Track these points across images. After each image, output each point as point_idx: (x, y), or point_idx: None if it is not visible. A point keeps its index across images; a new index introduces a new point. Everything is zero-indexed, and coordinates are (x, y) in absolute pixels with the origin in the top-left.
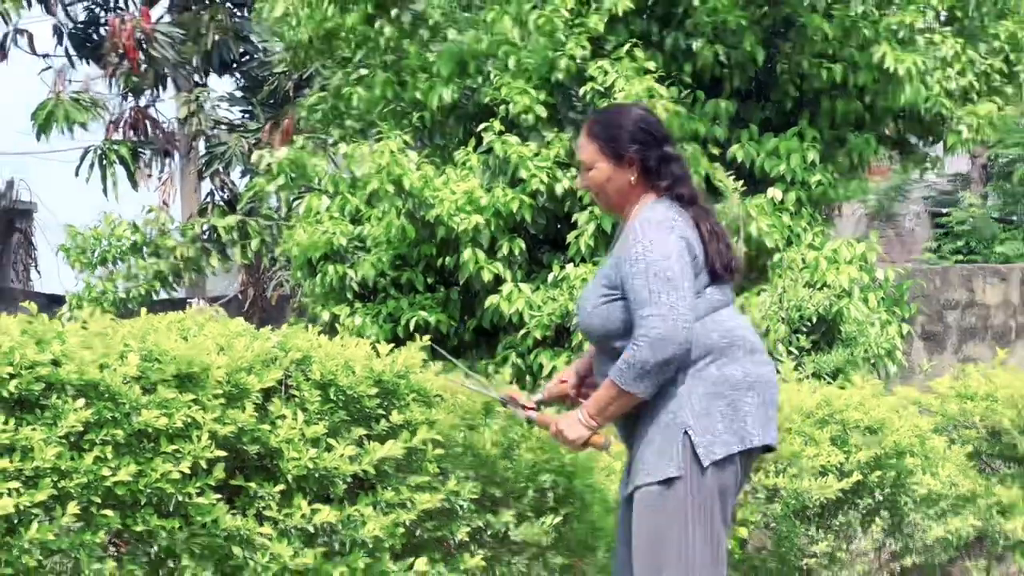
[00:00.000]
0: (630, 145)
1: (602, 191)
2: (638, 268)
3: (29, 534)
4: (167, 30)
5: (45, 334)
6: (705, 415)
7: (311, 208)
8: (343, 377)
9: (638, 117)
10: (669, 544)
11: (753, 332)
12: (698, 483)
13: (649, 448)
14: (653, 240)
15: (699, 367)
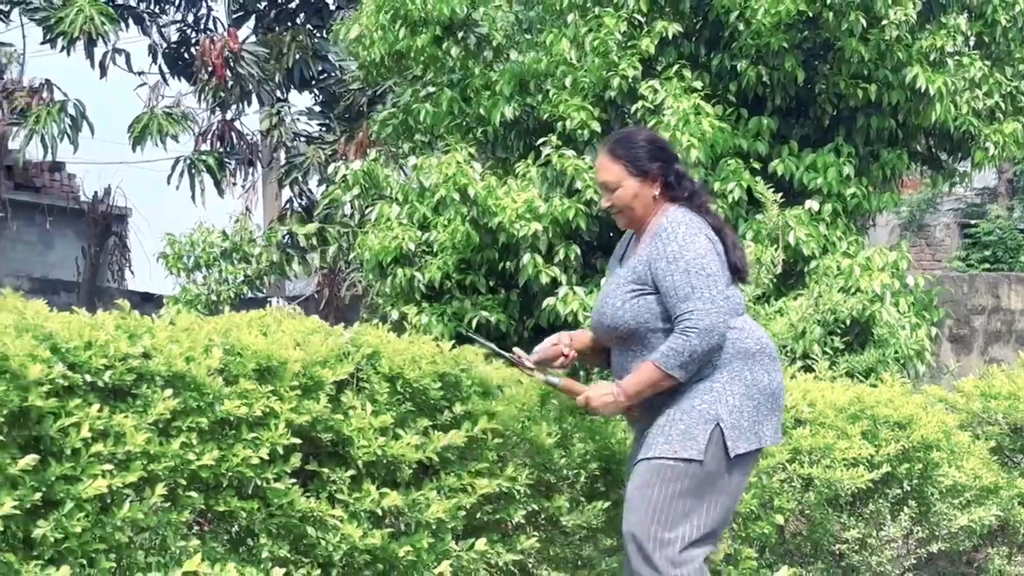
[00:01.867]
0: (652, 162)
1: (628, 208)
2: (677, 265)
3: (121, 513)
4: (252, 49)
5: (137, 329)
6: (737, 412)
7: (382, 215)
8: (410, 371)
9: (652, 137)
10: (666, 514)
11: (769, 337)
12: (719, 471)
13: (676, 427)
14: (687, 239)
15: (735, 369)
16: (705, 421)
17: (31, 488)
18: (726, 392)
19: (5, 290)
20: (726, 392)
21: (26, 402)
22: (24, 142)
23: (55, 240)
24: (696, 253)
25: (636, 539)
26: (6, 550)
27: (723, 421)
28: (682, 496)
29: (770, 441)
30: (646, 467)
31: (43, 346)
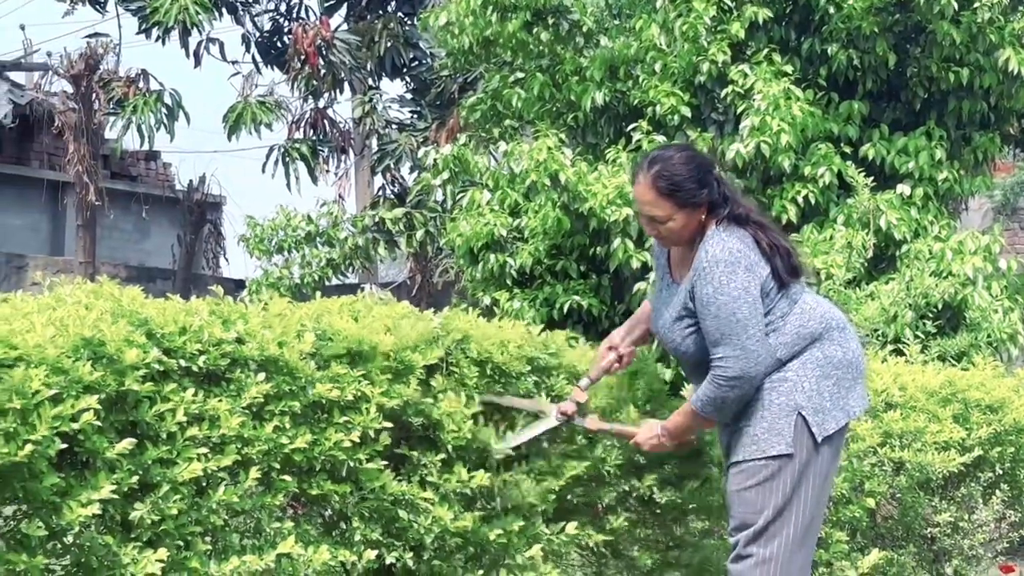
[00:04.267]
0: (701, 190)
1: (676, 235)
2: (709, 311)
3: (216, 496)
4: (344, 38)
5: (230, 315)
6: (817, 395)
7: (473, 201)
8: (499, 355)
9: (689, 159)
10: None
11: (837, 310)
12: (810, 459)
13: (759, 425)
14: (722, 282)
15: (806, 354)
16: (786, 413)
17: (128, 472)
18: (801, 379)
19: (102, 278)
20: (801, 379)
21: (123, 387)
22: (121, 132)
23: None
24: (729, 297)
25: (739, 540)
26: (105, 533)
27: (804, 408)
28: (778, 491)
29: (858, 411)
30: (738, 471)
31: (139, 332)
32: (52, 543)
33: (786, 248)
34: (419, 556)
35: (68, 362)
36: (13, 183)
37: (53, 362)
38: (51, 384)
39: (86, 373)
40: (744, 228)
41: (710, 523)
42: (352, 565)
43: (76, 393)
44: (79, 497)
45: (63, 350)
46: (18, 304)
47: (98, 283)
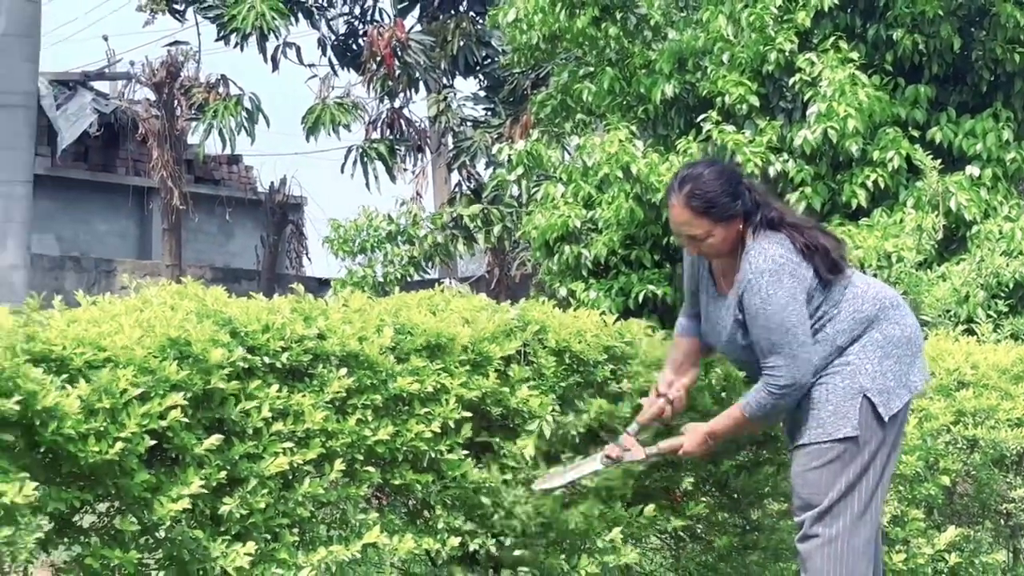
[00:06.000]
0: (734, 204)
1: (717, 249)
2: (758, 321)
3: (302, 489)
4: (418, 38)
5: (311, 312)
6: (880, 376)
7: (548, 194)
8: (576, 344)
9: (718, 174)
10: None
11: (888, 288)
12: (876, 439)
13: (825, 409)
14: (769, 292)
15: (865, 337)
16: (851, 396)
17: (216, 467)
18: (863, 361)
19: (187, 280)
20: (863, 361)
21: (209, 385)
22: (203, 136)
23: (235, 230)
24: (778, 306)
25: (805, 520)
26: (195, 527)
27: (868, 390)
28: (844, 473)
29: (920, 385)
30: (803, 452)
31: (223, 331)
32: (144, 538)
33: (824, 246)
34: (501, 542)
35: (155, 362)
36: (100, 190)
37: (140, 362)
38: (139, 383)
39: (172, 372)
40: (779, 232)
41: (786, 506)
42: (436, 553)
43: (163, 392)
44: (169, 493)
45: (150, 350)
46: (106, 307)
47: (183, 285)
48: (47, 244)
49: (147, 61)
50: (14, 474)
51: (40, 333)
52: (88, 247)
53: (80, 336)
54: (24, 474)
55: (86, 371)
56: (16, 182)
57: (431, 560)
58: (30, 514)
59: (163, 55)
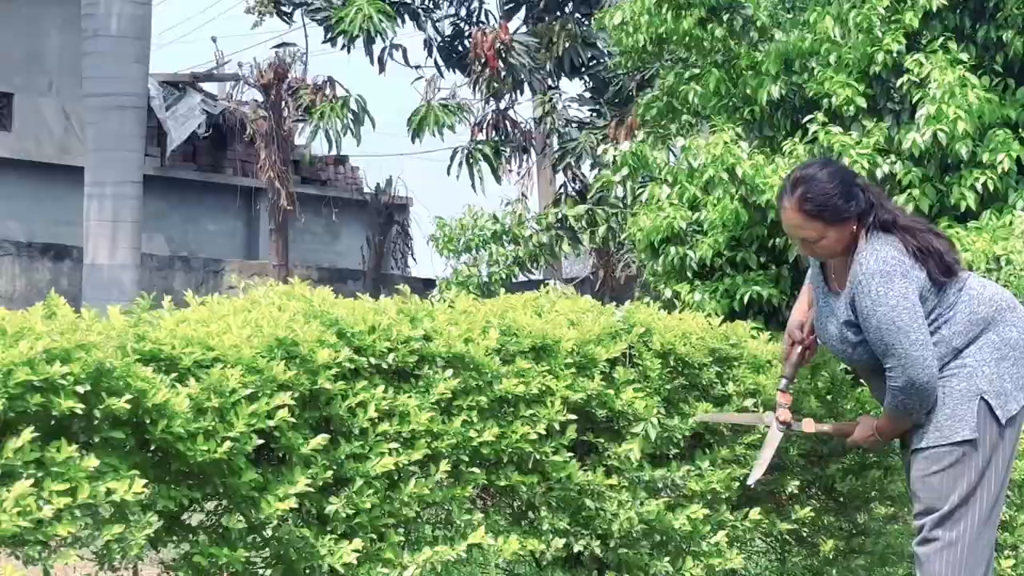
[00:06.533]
0: (848, 206)
1: (831, 250)
2: (871, 323)
3: (408, 489)
4: (523, 40)
5: (417, 313)
6: (997, 378)
7: (653, 196)
8: (681, 346)
9: (832, 175)
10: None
11: (1005, 290)
12: (995, 442)
13: (941, 412)
14: (880, 293)
15: (981, 339)
16: (968, 399)
17: (323, 467)
18: (979, 364)
19: (294, 280)
20: (979, 364)
21: (316, 385)
22: (310, 137)
23: (341, 231)
24: (888, 307)
25: (925, 524)
26: (302, 526)
27: (986, 393)
28: (963, 476)
29: None
30: (922, 457)
31: (330, 332)
32: (251, 536)
33: (938, 249)
34: (605, 544)
35: (263, 362)
36: (209, 190)
37: (248, 362)
38: (247, 383)
39: (280, 372)
40: (892, 234)
41: (894, 509)
42: (541, 554)
43: (271, 391)
44: (276, 491)
45: (258, 350)
46: (215, 307)
47: (290, 285)
48: (157, 244)
49: (255, 63)
50: (124, 472)
51: (150, 333)
52: (197, 247)
53: (189, 336)
54: (134, 472)
55: (195, 370)
56: (126, 182)
57: (536, 561)
58: (140, 511)
59: (271, 57)
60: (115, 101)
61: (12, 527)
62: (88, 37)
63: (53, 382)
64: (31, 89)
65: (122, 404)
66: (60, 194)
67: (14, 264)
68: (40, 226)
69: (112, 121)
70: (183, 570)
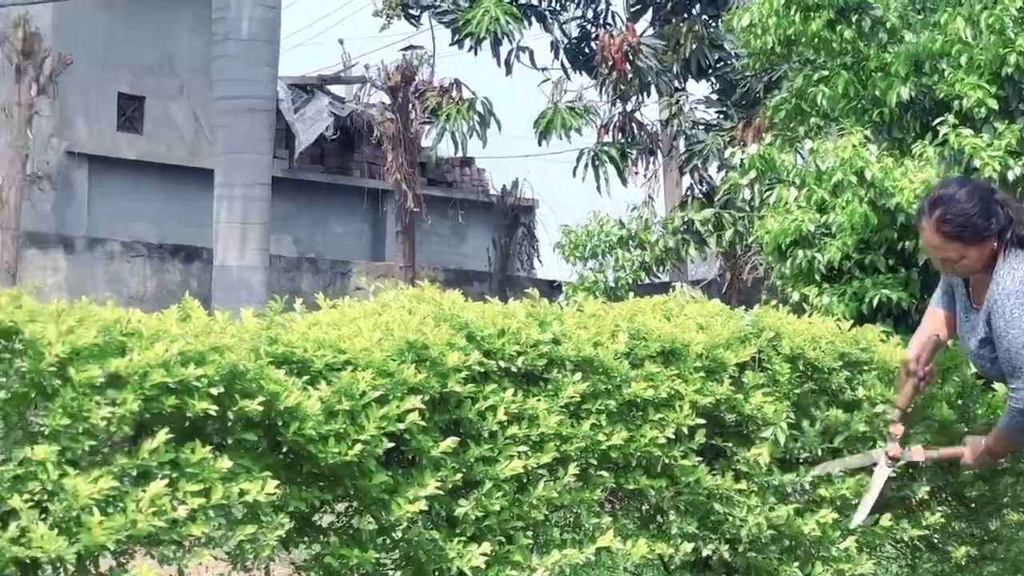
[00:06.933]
0: (988, 224)
1: (971, 268)
2: (1002, 344)
3: (536, 492)
4: (650, 42)
5: (546, 316)
6: None
7: (780, 199)
8: (810, 351)
9: (970, 194)
10: None
11: None
12: None
13: None
14: (1014, 315)
15: None
16: None
17: (452, 469)
18: None
19: (423, 282)
20: None
21: (446, 388)
22: (436, 139)
23: (467, 232)
24: (1019, 330)
25: None
26: (431, 528)
27: None
28: None
29: None
30: None
31: (460, 335)
32: (382, 538)
33: None
34: (734, 549)
35: (393, 365)
36: (337, 192)
37: (379, 365)
38: (377, 386)
39: (410, 375)
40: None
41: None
42: (669, 558)
43: (401, 394)
44: (406, 494)
45: (388, 353)
46: (345, 310)
47: (420, 287)
48: (284, 245)
49: (382, 65)
50: (257, 473)
51: (282, 335)
52: (324, 249)
53: (321, 339)
54: (267, 473)
55: (327, 373)
56: (255, 185)
57: (664, 565)
58: (272, 512)
59: (398, 59)
60: (245, 104)
61: (148, 527)
62: (219, 41)
63: (188, 384)
64: (162, 92)
65: (255, 406)
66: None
67: (146, 265)
68: (170, 228)
69: (242, 124)
70: (314, 571)
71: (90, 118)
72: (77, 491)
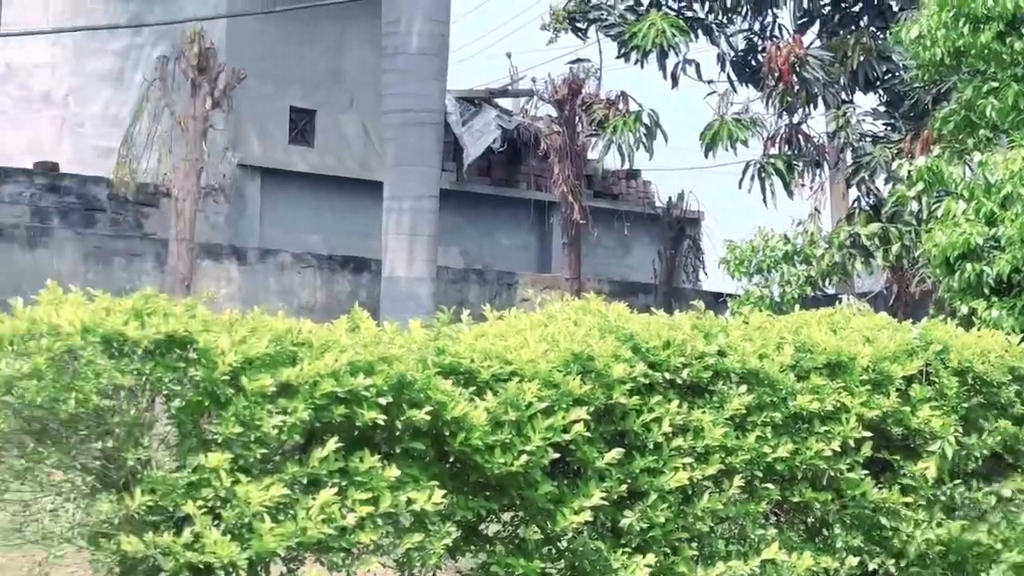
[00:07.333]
0: None
1: None
2: None
3: (701, 504)
4: (817, 54)
5: (711, 329)
6: None
7: (948, 211)
8: (979, 365)
9: None
10: None
11: None
12: None
13: None
14: None
15: None
16: None
17: (617, 480)
18: None
19: (588, 294)
20: None
21: (611, 399)
22: (603, 152)
23: (632, 244)
24: None
25: None
26: (596, 538)
27: None
28: None
29: None
30: None
31: (625, 346)
32: (547, 548)
33: None
34: (899, 563)
35: (559, 376)
36: (503, 205)
37: (545, 376)
38: (543, 397)
39: (576, 387)
40: None
41: None
42: (834, 571)
43: (567, 405)
44: (572, 504)
45: (554, 365)
46: (512, 321)
47: (585, 299)
48: (451, 257)
49: (549, 78)
50: (425, 482)
51: (450, 346)
52: (490, 260)
53: (487, 350)
54: (434, 482)
55: (493, 384)
56: (424, 197)
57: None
58: (439, 521)
59: (565, 72)
60: (414, 117)
61: (317, 534)
62: (388, 55)
63: (357, 393)
64: (333, 106)
65: (422, 416)
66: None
67: (316, 276)
68: (339, 239)
69: (411, 137)
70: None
71: (262, 131)
72: (249, 498)
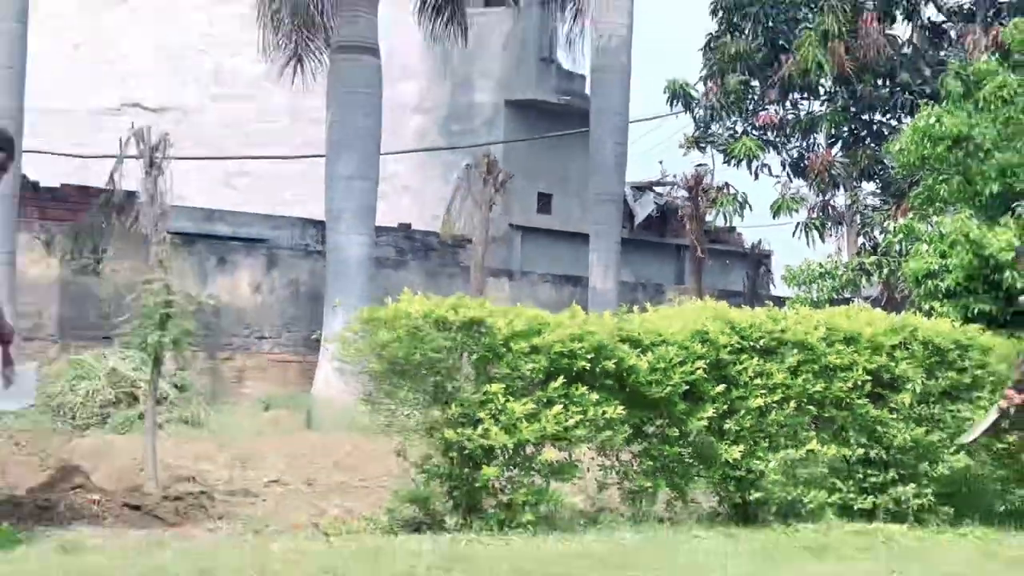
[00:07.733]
0: None
1: None
2: None
3: (771, 417)
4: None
5: (777, 316)
6: None
7: (917, 250)
8: (936, 338)
9: None
10: None
11: None
12: None
13: None
14: None
15: None
16: None
17: (721, 402)
18: None
19: (706, 298)
20: None
21: (718, 356)
22: (714, 216)
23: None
24: None
25: None
26: (710, 435)
27: None
28: None
29: None
30: None
31: (727, 326)
32: (680, 440)
33: None
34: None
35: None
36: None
37: (680, 342)
38: (679, 354)
39: (697, 348)
40: None
41: None
42: (848, 457)
43: (692, 360)
44: (696, 415)
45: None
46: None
47: (704, 301)
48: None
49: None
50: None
51: (626, 325)
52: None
53: (648, 327)
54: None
55: (651, 347)
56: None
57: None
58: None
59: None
60: (607, 197)
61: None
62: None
63: (574, 352)
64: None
65: (611, 365)
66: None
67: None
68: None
69: (605, 209)
70: (642, 458)
71: (522, 206)
72: (514, 410)
